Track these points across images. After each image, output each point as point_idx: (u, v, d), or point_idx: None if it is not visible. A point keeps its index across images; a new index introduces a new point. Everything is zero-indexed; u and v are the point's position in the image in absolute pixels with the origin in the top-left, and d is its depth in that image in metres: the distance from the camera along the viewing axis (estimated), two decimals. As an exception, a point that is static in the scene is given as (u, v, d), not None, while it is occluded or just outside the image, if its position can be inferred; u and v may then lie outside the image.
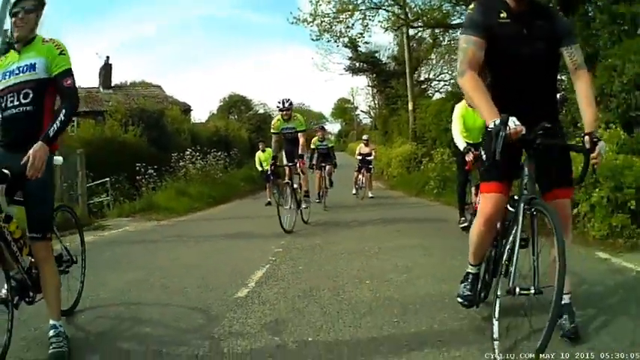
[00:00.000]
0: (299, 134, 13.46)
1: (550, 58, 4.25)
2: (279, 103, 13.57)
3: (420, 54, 41.45)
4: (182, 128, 29.18)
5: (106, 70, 39.19)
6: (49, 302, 5.00)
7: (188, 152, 24.46)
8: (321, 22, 32.43)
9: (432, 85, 45.94)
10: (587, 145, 3.89)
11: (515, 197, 4.34)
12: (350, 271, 7.82)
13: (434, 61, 45.76)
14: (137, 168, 21.08)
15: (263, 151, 21.02)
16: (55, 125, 4.74)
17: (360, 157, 22.18)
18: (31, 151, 4.54)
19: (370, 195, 21.41)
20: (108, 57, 39.55)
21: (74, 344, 4.90)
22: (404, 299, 6.13)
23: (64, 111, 4.82)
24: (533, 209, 4.04)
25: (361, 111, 67.37)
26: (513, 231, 4.15)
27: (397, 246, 9.75)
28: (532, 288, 3.82)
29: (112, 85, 39.40)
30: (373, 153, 23.36)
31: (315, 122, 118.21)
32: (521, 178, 4.18)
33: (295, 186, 13.17)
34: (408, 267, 7.85)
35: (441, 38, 38.17)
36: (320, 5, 31.66)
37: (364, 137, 23.97)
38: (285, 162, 13.89)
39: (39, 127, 4.84)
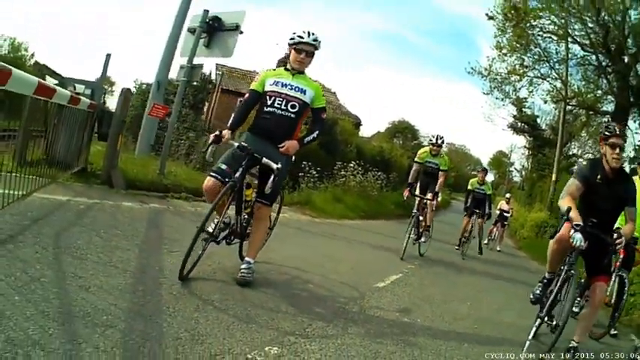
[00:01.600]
0: (440, 172, 13.22)
1: (615, 205, 6.37)
2: (433, 137, 13.41)
3: (573, 129, 40.66)
4: (350, 140, 29.14)
5: (285, 63, 39.06)
6: (252, 246, 6.68)
7: (352, 164, 24.68)
8: (494, 78, 33.71)
9: (579, 161, 44.93)
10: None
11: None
12: (458, 293, 9.75)
13: (583, 139, 44.97)
14: (303, 165, 21.49)
15: None
16: (309, 137, 6.63)
17: (498, 212, 22.65)
18: (288, 142, 6.39)
19: (498, 249, 21.56)
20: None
21: (255, 280, 6.48)
22: (488, 318, 8.20)
23: (317, 132, 6.68)
24: (571, 271, 6.22)
25: (514, 168, 66.49)
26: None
27: (501, 288, 11.65)
28: (555, 322, 6.18)
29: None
30: (511, 211, 23.87)
31: (472, 166, 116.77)
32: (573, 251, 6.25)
33: (421, 219, 12.98)
34: (502, 302, 9.85)
35: (591, 120, 37.79)
36: (495, 63, 33.07)
37: (507, 195, 24.58)
38: (417, 192, 13.36)
39: (291, 131, 6.55)
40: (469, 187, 18.34)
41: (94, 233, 6.77)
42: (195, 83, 20.28)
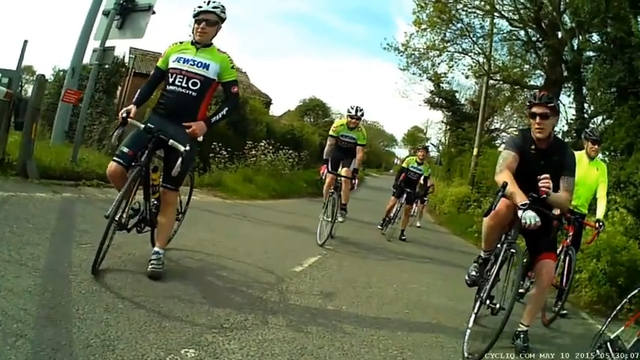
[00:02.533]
0: (358, 147, 12.39)
1: (553, 180, 5.90)
2: (352, 108, 12.41)
3: (495, 103, 41.83)
4: (260, 119, 29.06)
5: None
6: (161, 234, 6.47)
7: (263, 144, 24.79)
8: (411, 54, 33.67)
9: (501, 135, 45.39)
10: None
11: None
12: (383, 275, 9.52)
13: (507, 113, 46.15)
14: (212, 146, 21.35)
15: None
16: (217, 116, 6.40)
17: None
18: (195, 124, 6.13)
19: (418, 225, 21.60)
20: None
21: (167, 270, 6.30)
22: (417, 301, 8.00)
23: (227, 108, 6.46)
24: (511, 250, 5.93)
25: (431, 143, 67.47)
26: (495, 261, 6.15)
27: (426, 269, 11.48)
28: (498, 304, 5.75)
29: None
30: (432, 188, 24.00)
31: (386, 143, 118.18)
32: (512, 228, 6.00)
33: (336, 196, 12.02)
34: (429, 284, 9.64)
35: (517, 95, 38.51)
36: (413, 38, 33.01)
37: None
38: (329, 169, 12.32)
39: (195, 111, 6.29)
40: (403, 165, 17.21)
41: (7, 229, 6.54)
42: (107, 67, 20.03)
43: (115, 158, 6.07)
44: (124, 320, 4.62)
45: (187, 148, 5.92)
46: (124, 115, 6.02)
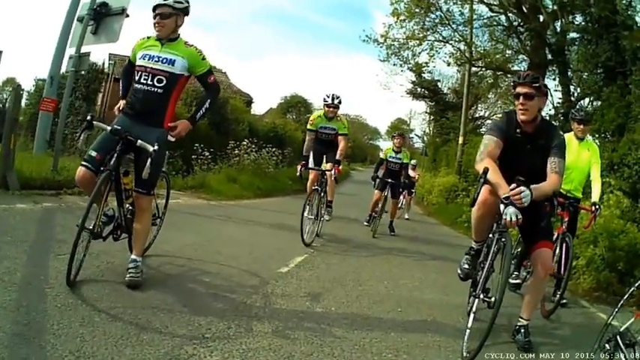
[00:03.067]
0: (340, 137, 11.77)
1: (542, 164, 5.64)
2: (327, 97, 11.82)
3: (479, 91, 41.66)
4: (242, 118, 28.98)
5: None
6: (137, 241, 6.22)
7: (245, 143, 24.77)
8: (391, 45, 33.52)
9: (486, 123, 45.26)
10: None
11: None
12: (373, 272, 9.24)
13: (491, 100, 45.95)
14: (195, 148, 21.20)
15: None
16: (201, 111, 6.24)
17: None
18: (179, 123, 6.05)
19: (406, 217, 21.56)
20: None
21: (146, 278, 6.13)
22: (410, 298, 7.73)
23: (209, 100, 6.31)
24: (502, 239, 5.63)
25: (415, 134, 67.19)
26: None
27: (417, 262, 11.22)
28: (493, 297, 5.40)
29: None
30: (417, 177, 24.18)
31: (370, 137, 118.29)
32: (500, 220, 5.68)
33: (322, 194, 11.56)
34: (421, 278, 9.35)
35: (500, 81, 38.30)
36: (392, 29, 32.83)
37: (413, 162, 23.48)
38: (311, 164, 11.92)
39: (162, 109, 6.08)
40: (382, 156, 16.21)
41: (-14, 243, 6.38)
42: (83, 73, 20.07)
43: (82, 163, 5.89)
44: (100, 335, 4.41)
45: (155, 147, 5.72)
46: (89, 117, 5.89)
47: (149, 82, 5.99)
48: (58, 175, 12.19)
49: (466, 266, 6.38)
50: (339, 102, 11.86)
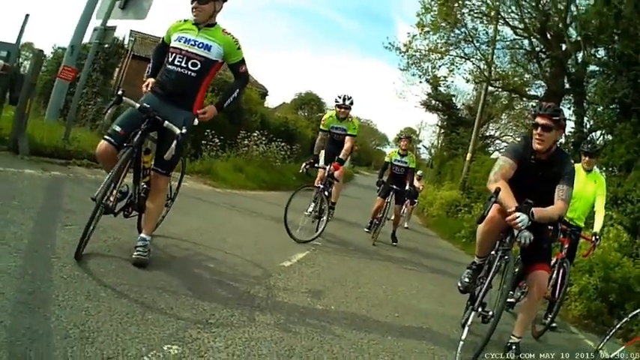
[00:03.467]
0: (347, 138, 11.90)
1: (551, 190, 5.76)
2: (339, 97, 11.98)
3: (492, 110, 41.63)
4: (255, 110, 28.80)
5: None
6: (149, 220, 6.24)
7: (256, 134, 24.71)
8: (412, 55, 33.37)
9: (495, 142, 45.74)
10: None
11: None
12: (372, 276, 9.36)
13: (503, 121, 46.08)
14: (206, 133, 21.22)
15: None
16: (229, 99, 6.35)
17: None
18: (208, 108, 6.20)
19: (406, 226, 21.46)
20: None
21: (152, 258, 6.11)
22: (407, 305, 7.85)
23: (237, 90, 6.38)
24: (505, 257, 5.81)
25: (423, 145, 67.13)
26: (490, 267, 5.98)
27: (415, 272, 11.29)
28: (491, 312, 5.63)
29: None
30: (422, 188, 24.25)
31: (377, 142, 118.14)
32: (507, 235, 5.83)
33: (327, 193, 11.31)
34: (419, 287, 9.47)
35: (515, 103, 38.56)
36: (416, 40, 32.70)
37: (419, 172, 24.01)
38: (321, 163, 11.91)
39: (194, 92, 6.16)
40: (386, 160, 15.55)
41: (-7, 206, 6.40)
42: (106, 46, 19.93)
43: (105, 137, 5.88)
44: (106, 310, 4.42)
45: (184, 130, 5.74)
46: (120, 92, 5.85)
47: (183, 64, 6.01)
48: (68, 145, 12.31)
49: (467, 280, 6.48)
50: (351, 103, 11.99)
